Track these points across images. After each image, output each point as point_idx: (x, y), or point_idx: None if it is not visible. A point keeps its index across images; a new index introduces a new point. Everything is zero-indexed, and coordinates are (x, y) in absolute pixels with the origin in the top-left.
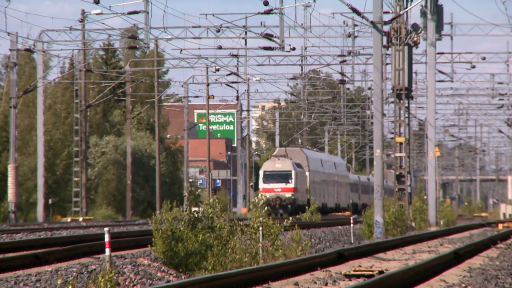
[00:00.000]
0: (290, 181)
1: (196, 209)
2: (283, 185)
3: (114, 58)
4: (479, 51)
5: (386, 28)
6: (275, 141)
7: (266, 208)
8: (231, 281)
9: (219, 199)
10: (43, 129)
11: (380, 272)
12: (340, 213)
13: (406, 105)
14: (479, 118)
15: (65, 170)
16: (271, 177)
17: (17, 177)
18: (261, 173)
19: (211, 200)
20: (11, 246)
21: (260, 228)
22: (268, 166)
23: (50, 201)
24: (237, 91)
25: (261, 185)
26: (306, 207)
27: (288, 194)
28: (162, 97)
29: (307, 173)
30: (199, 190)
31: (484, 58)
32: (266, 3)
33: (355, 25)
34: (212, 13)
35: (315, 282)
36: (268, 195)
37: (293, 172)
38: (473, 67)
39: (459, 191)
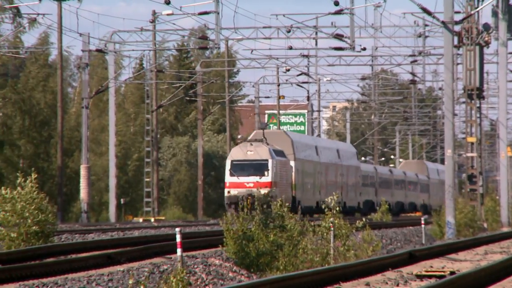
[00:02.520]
0: (266, 173)
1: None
2: (256, 178)
3: (187, 59)
4: None
5: (457, 28)
6: (346, 141)
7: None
8: (302, 281)
9: None
10: (114, 130)
11: (452, 272)
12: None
13: (478, 105)
14: None
15: (137, 170)
16: (241, 168)
17: (89, 177)
18: (227, 162)
19: (280, 200)
20: (83, 246)
21: (331, 229)
22: (237, 153)
23: (122, 201)
24: (308, 91)
25: (228, 178)
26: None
27: (264, 190)
28: (234, 98)
29: (292, 163)
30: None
31: None
32: (336, 3)
33: (426, 25)
34: (282, 14)
35: (386, 283)
36: (236, 191)
37: (270, 162)
38: None
39: None
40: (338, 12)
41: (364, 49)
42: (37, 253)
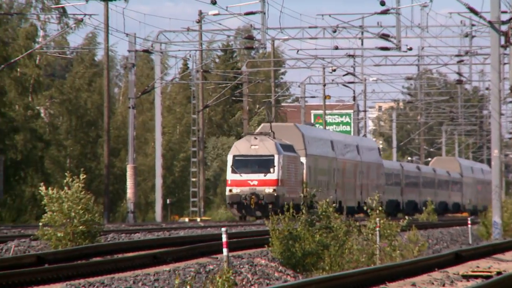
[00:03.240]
0: (272, 170)
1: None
2: (261, 176)
3: (232, 59)
4: None
5: (504, 27)
6: (392, 142)
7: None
8: (348, 281)
9: None
10: (161, 130)
11: (498, 273)
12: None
13: None
14: None
15: (183, 171)
16: (244, 164)
17: (136, 177)
18: (229, 158)
19: (327, 200)
20: (130, 246)
21: (377, 229)
22: (240, 148)
23: (168, 201)
24: (354, 91)
25: (230, 175)
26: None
27: (269, 189)
28: (280, 98)
29: (303, 159)
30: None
31: None
32: (382, 3)
33: (473, 25)
34: (328, 14)
35: (432, 283)
36: (239, 190)
37: (276, 157)
38: None
39: None
40: (384, 12)
41: (411, 49)
42: (83, 253)
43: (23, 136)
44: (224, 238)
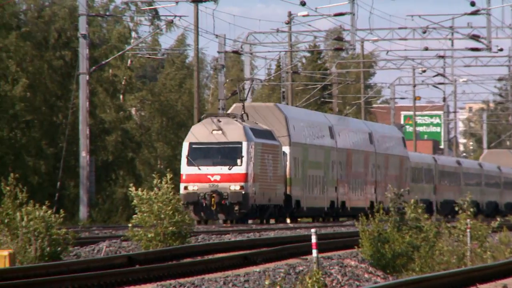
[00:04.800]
0: (239, 161)
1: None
2: (225, 169)
3: (320, 60)
4: None
5: None
6: (483, 143)
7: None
8: (438, 283)
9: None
10: None
11: None
12: None
13: None
14: None
15: None
16: (204, 154)
17: None
18: (184, 146)
19: (412, 201)
20: (220, 247)
21: (468, 230)
22: (199, 133)
23: None
24: (444, 92)
25: (185, 168)
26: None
27: (235, 186)
28: (370, 99)
29: (286, 148)
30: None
31: None
32: (473, 4)
33: None
34: (418, 14)
35: None
36: (196, 187)
37: (245, 145)
38: None
39: None
40: (475, 13)
41: (501, 49)
42: (174, 254)
43: (114, 137)
44: (314, 239)
